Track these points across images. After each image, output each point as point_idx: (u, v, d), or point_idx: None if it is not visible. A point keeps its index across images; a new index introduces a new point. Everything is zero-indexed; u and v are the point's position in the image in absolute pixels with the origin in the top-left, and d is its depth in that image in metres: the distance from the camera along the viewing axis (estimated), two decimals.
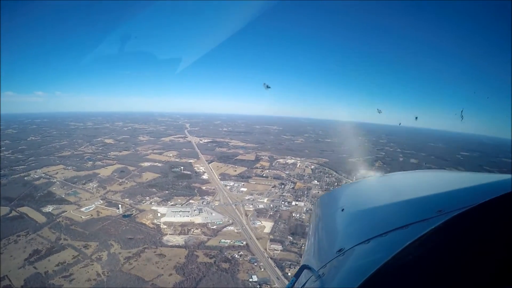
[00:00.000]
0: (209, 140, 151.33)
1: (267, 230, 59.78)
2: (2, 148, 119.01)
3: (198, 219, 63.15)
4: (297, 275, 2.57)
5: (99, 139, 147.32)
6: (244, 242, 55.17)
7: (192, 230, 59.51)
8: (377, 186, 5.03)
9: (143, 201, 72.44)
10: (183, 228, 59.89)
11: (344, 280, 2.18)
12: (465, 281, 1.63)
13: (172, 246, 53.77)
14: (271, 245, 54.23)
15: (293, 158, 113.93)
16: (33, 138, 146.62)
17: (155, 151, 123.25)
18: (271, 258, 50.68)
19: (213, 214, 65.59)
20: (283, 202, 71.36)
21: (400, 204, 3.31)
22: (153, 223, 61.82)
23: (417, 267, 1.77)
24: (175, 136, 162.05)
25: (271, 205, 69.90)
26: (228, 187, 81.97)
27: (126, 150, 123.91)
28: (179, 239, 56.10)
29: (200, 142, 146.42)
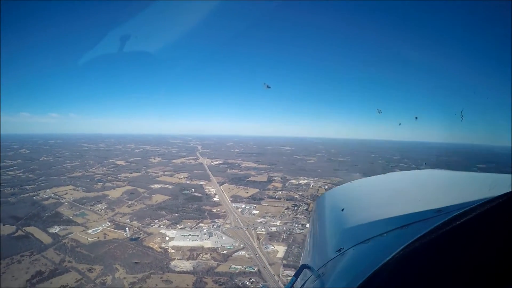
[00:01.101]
0: (220, 162, 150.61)
1: (280, 254, 56.94)
2: (14, 167, 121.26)
3: (208, 244, 60.93)
4: (297, 274, 2.52)
5: (110, 160, 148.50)
6: (256, 268, 52.43)
7: (201, 255, 57.20)
8: (377, 185, 5.07)
9: (152, 224, 70.88)
10: (192, 253, 57.67)
11: (343, 280, 2.20)
12: (464, 281, 1.67)
13: (179, 272, 51.49)
14: (285, 271, 51.10)
15: (306, 178, 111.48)
16: (45, 158, 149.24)
17: (166, 173, 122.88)
18: (284, 285, 47.57)
19: (224, 238, 63.31)
20: (296, 225, 68.48)
21: (399, 204, 3.38)
22: (160, 247, 59.88)
23: (416, 267, 1.81)
24: (186, 158, 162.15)
25: (284, 228, 67.19)
26: (239, 210, 79.89)
27: (137, 172, 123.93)
28: (187, 265, 53.86)
29: (212, 164, 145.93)
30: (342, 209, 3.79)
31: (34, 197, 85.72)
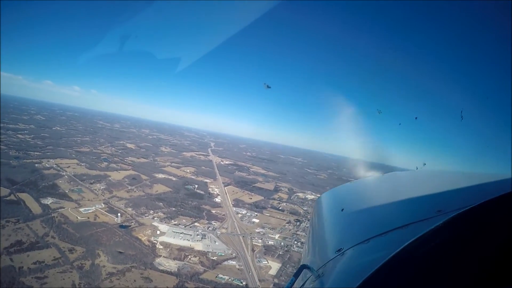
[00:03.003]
0: (230, 162, 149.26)
1: (273, 271, 53.91)
2: (25, 132, 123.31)
3: (199, 246, 58.60)
4: (296, 274, 2.54)
5: (121, 142, 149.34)
6: (244, 283, 49.67)
7: (189, 257, 54.89)
8: (377, 185, 5.06)
9: (146, 214, 69.25)
10: (180, 253, 55.45)
11: (343, 280, 2.20)
12: (464, 281, 1.71)
13: (162, 271, 49.29)
14: None
15: (313, 194, 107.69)
16: (58, 128, 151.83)
17: (173, 164, 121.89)
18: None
19: (217, 243, 60.83)
20: (295, 242, 65.13)
21: (399, 203, 3.41)
22: (149, 241, 57.99)
23: (416, 267, 1.82)
24: (197, 153, 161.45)
25: (282, 243, 64.20)
26: (239, 215, 77.43)
27: (144, 158, 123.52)
28: (172, 265, 51.61)
29: (221, 163, 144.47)
30: (342, 209, 3.79)
31: (36, 164, 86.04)
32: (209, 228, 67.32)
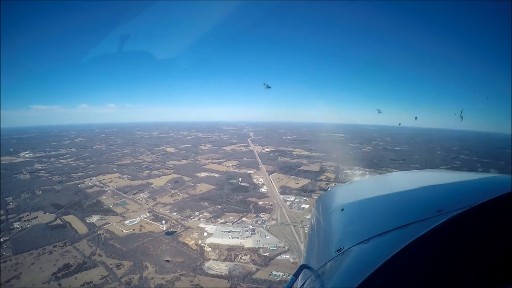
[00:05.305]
0: (271, 149, 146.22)
1: None
2: (67, 156, 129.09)
3: (248, 243, 55.59)
4: (296, 274, 2.60)
5: (160, 147, 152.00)
6: None
7: (239, 256, 52.01)
8: (377, 185, 5.13)
9: (191, 217, 67.73)
10: (230, 253, 52.75)
11: (343, 280, 2.23)
12: (464, 281, 1.75)
13: (212, 276, 46.82)
14: None
15: (361, 169, 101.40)
16: (98, 146, 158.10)
17: (214, 160, 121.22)
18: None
19: (267, 237, 57.41)
20: None
21: (399, 203, 3.45)
22: (196, 244, 56.00)
23: (416, 267, 1.88)
24: (237, 145, 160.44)
25: None
26: (288, 203, 73.73)
27: (185, 160, 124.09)
28: (222, 267, 48.98)
29: (263, 151, 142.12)
30: (342, 209, 3.81)
31: (79, 185, 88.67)
32: (258, 222, 64.30)
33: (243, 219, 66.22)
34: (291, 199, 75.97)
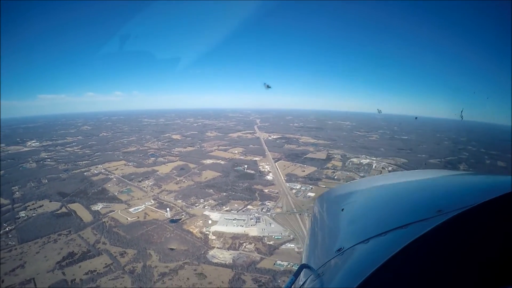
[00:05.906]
0: (278, 136, 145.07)
1: None
2: (73, 144, 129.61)
3: (253, 231, 55.12)
4: (296, 274, 2.61)
5: (166, 135, 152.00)
6: None
7: (244, 245, 51.63)
8: (377, 185, 5.05)
9: (196, 204, 67.46)
10: (234, 242, 52.43)
11: (343, 280, 2.24)
12: (464, 281, 1.77)
13: (216, 264, 46.54)
14: None
15: (368, 157, 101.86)
16: (104, 134, 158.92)
17: (220, 147, 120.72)
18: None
19: (272, 225, 56.84)
20: None
21: (399, 203, 3.44)
22: (201, 232, 55.76)
23: (416, 267, 1.92)
24: (243, 132, 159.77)
25: None
26: (293, 191, 72.96)
27: (191, 146, 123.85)
28: (226, 256, 48.65)
29: (269, 138, 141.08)
30: (342, 209, 3.78)
31: (85, 173, 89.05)
32: (263, 210, 63.82)
33: (248, 206, 65.78)
34: (297, 187, 75.19)
